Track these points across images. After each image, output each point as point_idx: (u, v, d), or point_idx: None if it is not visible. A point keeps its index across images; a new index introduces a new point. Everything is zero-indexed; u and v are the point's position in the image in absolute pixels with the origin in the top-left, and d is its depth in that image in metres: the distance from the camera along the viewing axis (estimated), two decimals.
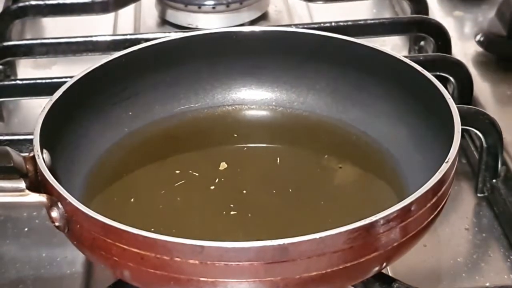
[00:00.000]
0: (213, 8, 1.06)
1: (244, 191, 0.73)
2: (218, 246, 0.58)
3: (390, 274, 0.69)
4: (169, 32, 0.94)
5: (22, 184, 0.65)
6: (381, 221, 0.60)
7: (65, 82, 0.75)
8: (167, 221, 0.70)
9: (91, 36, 0.94)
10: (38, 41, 0.96)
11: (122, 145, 0.78)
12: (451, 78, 0.88)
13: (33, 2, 0.99)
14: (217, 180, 0.74)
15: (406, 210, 0.61)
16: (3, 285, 0.73)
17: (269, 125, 0.81)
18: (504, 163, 0.81)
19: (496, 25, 0.98)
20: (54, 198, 0.63)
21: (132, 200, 0.72)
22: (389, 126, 0.77)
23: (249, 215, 0.70)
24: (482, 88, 0.93)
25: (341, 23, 0.94)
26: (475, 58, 0.99)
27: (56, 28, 1.09)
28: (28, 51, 0.95)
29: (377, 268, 0.63)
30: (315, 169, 0.75)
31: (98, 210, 0.70)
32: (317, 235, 0.58)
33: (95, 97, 0.77)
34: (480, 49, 0.99)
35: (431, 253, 0.74)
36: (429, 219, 0.64)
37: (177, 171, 0.75)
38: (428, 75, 0.73)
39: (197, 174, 0.75)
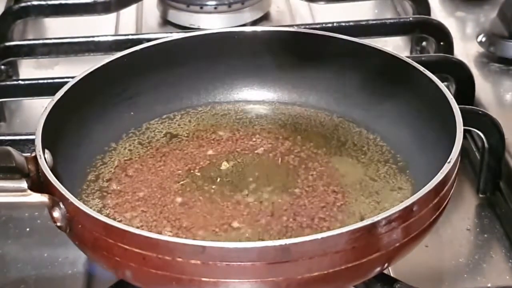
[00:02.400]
0: (215, 8, 1.06)
1: (246, 191, 0.73)
2: (220, 246, 0.58)
3: (391, 275, 0.69)
4: (170, 33, 0.94)
5: (24, 184, 0.65)
6: (383, 222, 0.60)
7: (67, 82, 0.75)
8: (168, 221, 0.70)
9: (93, 36, 0.94)
10: (40, 41, 0.96)
11: (124, 145, 0.78)
12: (453, 78, 0.88)
13: (35, 2, 0.99)
14: (218, 180, 0.74)
15: (408, 210, 0.61)
16: (5, 285, 0.73)
17: (270, 125, 0.81)
18: (506, 164, 0.80)
19: (498, 26, 0.98)
20: (56, 198, 0.63)
21: (133, 199, 0.72)
22: (391, 126, 0.77)
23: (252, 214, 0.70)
24: (484, 88, 0.93)
25: (343, 24, 0.94)
26: (477, 58, 0.99)
27: (58, 28, 1.09)
28: (30, 51, 0.95)
29: (379, 269, 0.63)
30: (317, 169, 0.75)
31: (100, 210, 0.70)
32: (319, 236, 0.58)
33: (97, 97, 0.77)
34: (482, 49, 0.99)
35: (432, 253, 0.74)
36: (431, 220, 0.64)
37: (179, 171, 0.75)
38: (431, 75, 0.73)
39: (198, 174, 0.75)
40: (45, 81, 0.87)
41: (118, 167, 0.76)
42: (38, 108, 0.80)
